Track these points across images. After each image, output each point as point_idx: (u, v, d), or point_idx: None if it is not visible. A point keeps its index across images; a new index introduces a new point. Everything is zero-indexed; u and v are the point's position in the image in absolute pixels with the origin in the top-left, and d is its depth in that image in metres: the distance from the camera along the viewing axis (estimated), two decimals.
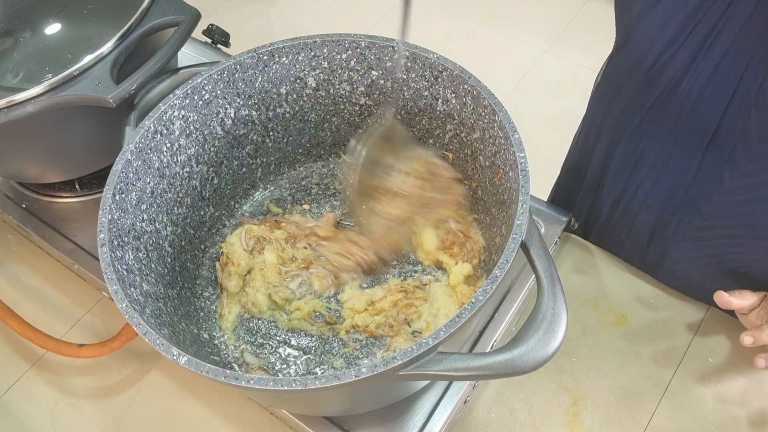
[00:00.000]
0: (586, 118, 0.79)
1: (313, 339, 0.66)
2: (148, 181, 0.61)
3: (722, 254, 0.70)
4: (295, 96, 0.70)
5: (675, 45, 0.61)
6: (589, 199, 0.82)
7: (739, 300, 0.65)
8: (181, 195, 0.66)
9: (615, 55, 0.69)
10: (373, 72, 0.67)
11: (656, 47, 0.62)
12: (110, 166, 0.57)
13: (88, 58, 0.66)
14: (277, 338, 0.66)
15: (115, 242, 0.54)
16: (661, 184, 0.71)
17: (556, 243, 0.75)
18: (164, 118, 0.62)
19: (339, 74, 0.69)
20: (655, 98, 0.65)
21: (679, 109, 0.63)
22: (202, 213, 0.70)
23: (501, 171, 0.59)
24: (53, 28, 0.71)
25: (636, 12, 0.63)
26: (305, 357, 0.65)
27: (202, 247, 0.72)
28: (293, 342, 0.66)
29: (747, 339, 0.63)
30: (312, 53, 0.67)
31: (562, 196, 0.90)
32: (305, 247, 0.70)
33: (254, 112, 0.70)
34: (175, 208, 0.66)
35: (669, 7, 0.60)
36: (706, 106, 0.61)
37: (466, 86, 0.61)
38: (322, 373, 0.60)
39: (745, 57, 0.57)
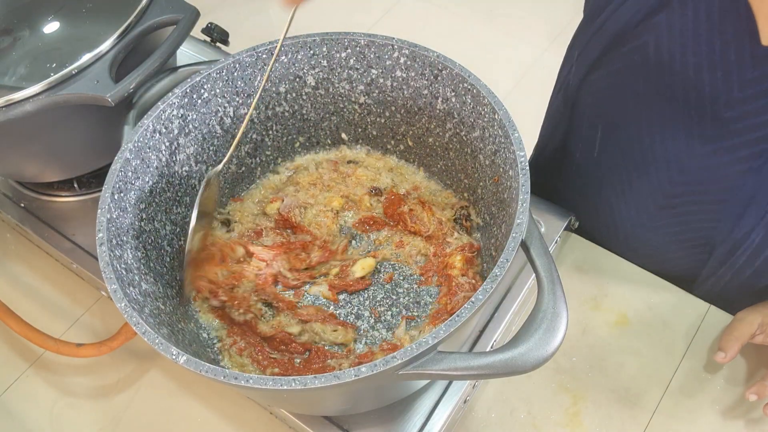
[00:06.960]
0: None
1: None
2: (146, 180, 0.61)
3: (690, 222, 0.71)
4: (294, 95, 0.70)
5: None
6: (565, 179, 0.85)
7: (738, 346, 0.67)
8: (180, 194, 0.66)
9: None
10: (373, 71, 0.67)
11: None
12: (109, 165, 0.57)
13: (86, 57, 0.65)
14: None
15: (114, 241, 0.54)
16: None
17: (556, 242, 0.75)
18: (163, 116, 0.61)
19: (338, 73, 0.68)
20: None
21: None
22: None
23: (501, 170, 0.59)
24: (52, 27, 0.70)
25: None
26: None
27: None
28: None
29: (751, 397, 0.64)
30: (311, 52, 0.67)
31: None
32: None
33: (253, 111, 0.69)
34: (174, 207, 0.65)
35: None
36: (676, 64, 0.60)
37: (465, 85, 0.61)
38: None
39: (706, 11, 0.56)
